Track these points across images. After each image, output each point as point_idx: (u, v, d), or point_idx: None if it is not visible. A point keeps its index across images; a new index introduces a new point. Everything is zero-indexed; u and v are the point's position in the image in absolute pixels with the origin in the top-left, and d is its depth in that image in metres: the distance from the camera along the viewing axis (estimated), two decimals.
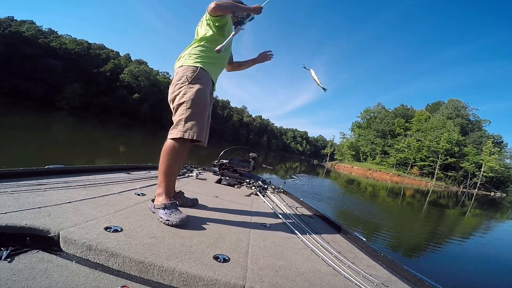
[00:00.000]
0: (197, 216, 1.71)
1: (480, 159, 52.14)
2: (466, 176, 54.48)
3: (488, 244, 7.18)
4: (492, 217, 15.15)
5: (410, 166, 58.71)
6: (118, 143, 15.52)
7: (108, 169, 2.57)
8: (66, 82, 46.74)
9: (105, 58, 60.98)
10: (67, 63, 48.21)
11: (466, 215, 13.47)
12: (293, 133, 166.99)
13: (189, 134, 1.59)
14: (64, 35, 57.89)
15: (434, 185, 48.35)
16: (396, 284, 1.31)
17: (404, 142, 60.01)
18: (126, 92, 58.13)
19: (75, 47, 54.21)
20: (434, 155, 54.87)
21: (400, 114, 71.59)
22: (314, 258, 1.43)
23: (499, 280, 4.57)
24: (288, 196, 3.26)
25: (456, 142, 53.91)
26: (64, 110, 43.86)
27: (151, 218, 1.50)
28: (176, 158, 1.63)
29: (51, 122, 20.86)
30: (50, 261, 0.96)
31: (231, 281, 1.00)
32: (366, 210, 9.19)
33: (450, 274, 4.24)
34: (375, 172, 56.70)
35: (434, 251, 5.44)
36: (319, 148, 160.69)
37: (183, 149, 1.65)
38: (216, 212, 1.92)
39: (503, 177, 55.64)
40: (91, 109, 51.55)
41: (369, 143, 69.35)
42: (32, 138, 10.22)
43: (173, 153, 1.62)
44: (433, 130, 57.54)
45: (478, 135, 59.76)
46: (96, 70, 55.58)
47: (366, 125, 75.11)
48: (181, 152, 1.64)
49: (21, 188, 1.52)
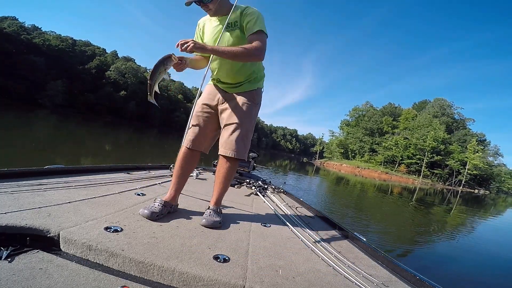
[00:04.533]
0: (197, 216, 1.70)
1: (465, 157, 53.50)
2: (452, 173, 55.91)
3: (488, 243, 7.25)
4: (483, 215, 15.53)
5: (397, 164, 59.81)
6: (103, 142, 15.04)
7: (108, 169, 2.56)
8: (49, 79, 45.49)
9: (90, 55, 59.64)
10: (50, 60, 46.91)
11: (459, 214, 13.68)
12: (283, 131, 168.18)
13: (185, 142, 1.79)
14: (48, 31, 56.32)
15: (421, 183, 49.31)
16: (396, 284, 1.33)
17: (392, 140, 61.09)
18: (112, 89, 57.00)
19: (59, 44, 52.83)
20: (420, 153, 56.08)
21: (388, 113, 72.86)
22: (314, 258, 1.44)
23: (499, 279, 4.61)
24: (288, 196, 3.28)
25: (442, 140, 55.25)
26: (47, 107, 42.62)
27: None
28: (178, 163, 1.79)
29: (33, 121, 20.14)
30: (50, 261, 0.95)
31: (231, 281, 1.01)
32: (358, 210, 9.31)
33: (450, 273, 4.27)
34: (364, 170, 57.51)
35: (434, 251, 5.47)
36: (309, 146, 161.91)
37: (182, 155, 1.79)
38: None
39: (486, 174, 57.42)
40: (76, 107, 50.22)
41: (358, 141, 70.27)
42: (9, 137, 9.80)
43: (177, 159, 1.79)
44: (420, 128, 58.77)
45: (463, 133, 61.25)
46: (81, 67, 54.33)
47: (354, 123, 76.08)
48: (181, 159, 1.78)
49: (21, 188, 1.51)
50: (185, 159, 1.78)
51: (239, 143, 1.73)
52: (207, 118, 1.83)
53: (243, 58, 1.61)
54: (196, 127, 1.80)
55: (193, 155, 1.80)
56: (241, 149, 1.74)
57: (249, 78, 1.81)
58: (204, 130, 1.81)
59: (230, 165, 1.77)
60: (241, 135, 1.74)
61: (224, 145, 1.75)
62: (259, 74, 1.87)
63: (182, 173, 1.78)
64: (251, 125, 1.83)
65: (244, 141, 1.76)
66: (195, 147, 1.78)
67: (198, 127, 1.81)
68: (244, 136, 1.76)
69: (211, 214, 1.64)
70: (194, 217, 1.68)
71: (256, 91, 1.84)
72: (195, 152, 1.81)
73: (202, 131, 1.80)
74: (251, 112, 1.81)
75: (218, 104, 1.83)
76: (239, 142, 1.73)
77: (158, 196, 1.84)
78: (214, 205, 1.75)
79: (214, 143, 1.93)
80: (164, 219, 1.53)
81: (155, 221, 1.47)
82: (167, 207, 1.61)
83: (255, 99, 1.83)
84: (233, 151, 1.72)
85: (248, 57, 1.60)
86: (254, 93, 1.82)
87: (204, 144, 1.83)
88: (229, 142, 1.73)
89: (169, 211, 1.64)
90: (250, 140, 1.84)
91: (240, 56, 1.58)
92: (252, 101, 1.81)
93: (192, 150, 1.79)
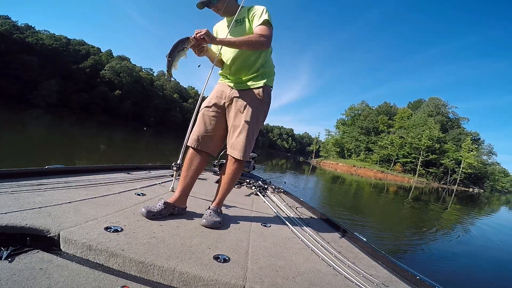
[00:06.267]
0: (198, 216, 1.70)
1: (460, 156, 53.99)
2: (446, 172, 56.40)
3: (488, 243, 7.24)
4: (480, 213, 15.57)
5: (393, 162, 60.12)
6: (97, 142, 14.83)
7: (108, 169, 2.56)
8: (43, 78, 44.99)
9: (85, 54, 59.00)
10: (43, 59, 46.42)
11: (457, 213, 13.66)
12: (279, 130, 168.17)
13: (189, 142, 1.78)
14: (42, 30, 55.67)
15: (416, 182, 49.70)
16: (396, 284, 1.33)
17: (387, 139, 61.37)
18: (107, 88, 56.50)
19: (52, 43, 52.20)
20: (416, 151, 56.41)
21: (384, 112, 73.18)
22: (314, 258, 1.44)
23: (499, 278, 4.61)
24: (288, 196, 3.29)
25: (437, 139, 55.58)
26: (40, 107, 42.17)
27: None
28: (184, 164, 1.79)
29: (26, 120, 19.89)
30: (50, 261, 0.95)
31: (231, 281, 1.01)
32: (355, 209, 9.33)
33: (451, 273, 4.27)
34: (360, 169, 57.78)
35: (434, 251, 5.46)
36: (305, 145, 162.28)
37: (188, 156, 1.78)
38: None
39: (480, 173, 58.02)
40: (70, 106, 49.81)
41: (354, 140, 70.53)
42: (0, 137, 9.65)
43: (186, 160, 1.79)
44: (415, 127, 59.07)
45: (457, 132, 61.74)
46: (75, 66, 53.71)
47: (350, 122, 76.30)
48: (186, 159, 1.78)
49: (21, 188, 1.51)
50: (190, 160, 1.76)
51: (245, 144, 1.72)
52: (214, 117, 1.80)
53: (248, 45, 1.63)
54: (202, 127, 1.78)
55: (199, 156, 1.77)
56: (247, 150, 1.74)
57: (255, 74, 1.78)
58: (210, 130, 1.79)
59: (237, 166, 1.76)
60: (247, 136, 1.72)
61: (231, 146, 1.75)
62: (266, 70, 1.82)
63: (187, 175, 1.74)
64: (257, 125, 1.80)
65: (250, 143, 1.75)
66: (201, 147, 1.76)
67: (204, 126, 1.78)
68: (250, 137, 1.74)
69: (211, 214, 1.63)
70: (194, 217, 1.68)
71: (263, 89, 1.78)
72: (201, 153, 1.77)
73: (208, 131, 1.78)
74: (258, 112, 1.78)
75: (225, 102, 1.80)
76: (245, 143, 1.72)
77: (160, 196, 1.84)
78: (215, 205, 1.74)
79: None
80: (164, 219, 1.52)
81: (152, 220, 1.46)
82: (169, 208, 1.60)
83: (262, 97, 1.78)
84: (239, 152, 1.71)
85: (254, 44, 1.62)
86: (261, 91, 1.78)
87: (210, 145, 1.79)
88: (236, 143, 1.72)
89: (172, 212, 1.63)
90: (255, 140, 1.82)
91: (246, 44, 1.61)
92: (259, 100, 1.78)
93: (198, 151, 1.76)
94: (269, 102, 1.87)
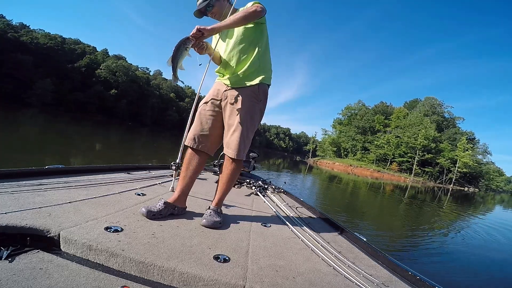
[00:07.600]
0: (198, 216, 1.70)
1: (455, 155, 54.52)
2: (442, 171, 56.92)
3: (488, 242, 7.25)
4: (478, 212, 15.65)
5: (389, 162, 60.52)
6: (93, 142, 14.67)
7: (108, 169, 2.56)
8: (37, 77, 44.72)
9: (80, 53, 58.77)
10: (38, 58, 46.21)
11: (454, 212, 13.72)
12: (276, 130, 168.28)
13: (186, 141, 1.80)
14: (37, 29, 55.37)
15: (412, 181, 50.05)
16: (396, 284, 1.33)
17: (384, 139, 61.82)
18: (102, 88, 56.25)
19: (47, 42, 51.87)
20: (412, 151, 56.83)
21: (380, 111, 73.66)
22: (314, 258, 1.44)
23: (499, 278, 4.61)
24: (288, 196, 3.29)
25: (433, 139, 56.11)
26: (35, 106, 41.87)
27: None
28: (184, 164, 1.79)
29: (20, 120, 19.66)
30: (50, 261, 0.95)
31: (231, 281, 1.01)
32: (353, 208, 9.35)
33: (451, 273, 4.26)
34: (356, 168, 58.02)
35: (434, 251, 5.45)
36: (302, 144, 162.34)
37: (186, 155, 1.80)
38: None
39: (475, 172, 58.56)
40: (65, 105, 49.50)
41: (350, 140, 70.87)
42: None
43: (184, 160, 1.80)
44: (411, 126, 59.54)
45: (453, 132, 62.31)
46: (71, 66, 53.42)
47: (347, 121, 76.65)
48: (185, 159, 1.79)
49: (21, 188, 1.52)
50: (188, 160, 1.77)
51: (239, 143, 1.71)
52: (211, 116, 1.79)
53: (246, 18, 1.64)
54: (199, 126, 1.78)
55: (197, 156, 1.78)
56: (241, 149, 1.73)
57: (250, 69, 1.75)
58: (207, 129, 1.78)
59: (235, 165, 1.76)
60: (241, 135, 1.71)
61: (226, 144, 1.74)
62: (261, 66, 1.78)
63: (186, 175, 1.75)
64: (252, 124, 1.77)
65: (244, 141, 1.74)
66: (198, 146, 1.76)
67: (200, 125, 1.78)
68: (244, 136, 1.73)
69: (211, 214, 1.63)
70: (194, 217, 1.68)
71: (259, 87, 1.76)
72: (200, 153, 1.78)
73: (205, 130, 1.78)
74: (253, 110, 1.76)
75: (222, 101, 1.79)
76: (239, 142, 1.71)
77: (160, 196, 1.83)
78: (215, 205, 1.73)
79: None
80: (164, 219, 1.52)
81: (152, 220, 1.46)
82: (169, 208, 1.60)
83: (258, 95, 1.76)
84: (233, 151, 1.71)
85: (250, 14, 1.64)
86: (256, 88, 1.75)
87: (207, 144, 1.79)
88: (230, 142, 1.72)
89: (172, 212, 1.63)
90: (251, 139, 1.81)
91: (243, 17, 1.63)
92: (254, 98, 1.76)
93: (197, 150, 1.77)
94: (266, 100, 1.85)
